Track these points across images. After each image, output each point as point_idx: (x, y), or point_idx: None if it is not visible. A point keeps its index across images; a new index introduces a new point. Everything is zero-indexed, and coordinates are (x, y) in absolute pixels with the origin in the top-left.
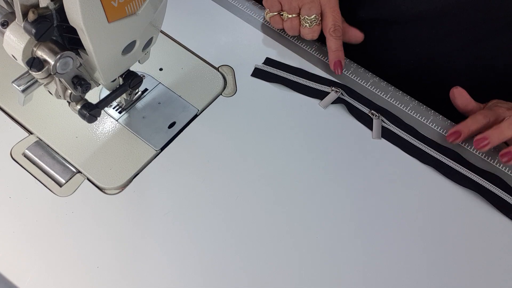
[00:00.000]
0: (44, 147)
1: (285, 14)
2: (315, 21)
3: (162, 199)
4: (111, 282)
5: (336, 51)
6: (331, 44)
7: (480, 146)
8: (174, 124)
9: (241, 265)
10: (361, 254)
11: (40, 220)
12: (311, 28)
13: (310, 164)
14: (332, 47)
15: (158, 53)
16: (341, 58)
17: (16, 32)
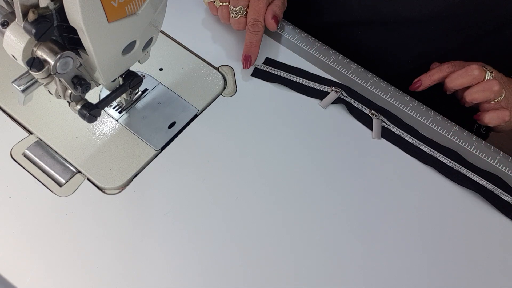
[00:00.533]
0: (44, 147)
1: (217, 2)
2: (241, 13)
3: (162, 199)
4: (111, 282)
5: (248, 45)
6: (246, 38)
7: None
8: (174, 124)
9: (241, 265)
10: (361, 254)
11: (40, 220)
12: (236, 19)
13: (310, 164)
14: (246, 41)
15: (158, 53)
16: (252, 54)
17: (16, 32)
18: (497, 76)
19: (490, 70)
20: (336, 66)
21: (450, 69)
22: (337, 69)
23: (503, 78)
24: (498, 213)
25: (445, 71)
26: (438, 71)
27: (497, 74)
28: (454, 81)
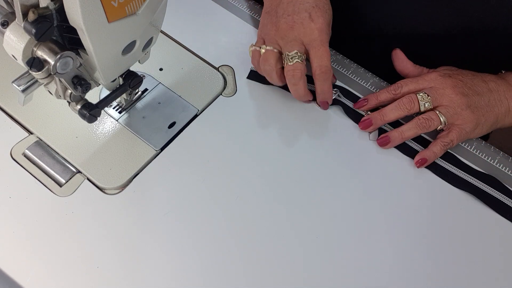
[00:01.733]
0: (44, 147)
1: (263, 47)
2: (297, 57)
3: (162, 199)
4: (111, 282)
5: (321, 94)
6: (316, 86)
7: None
8: (174, 124)
9: (241, 265)
10: (360, 254)
11: (40, 220)
12: (291, 65)
13: (310, 164)
14: (317, 89)
15: (158, 53)
16: (328, 99)
17: (16, 32)
18: (441, 93)
19: (429, 96)
20: (336, 66)
21: (397, 90)
22: (337, 69)
23: (463, 84)
24: (496, 214)
25: (392, 92)
26: (385, 92)
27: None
28: (390, 115)
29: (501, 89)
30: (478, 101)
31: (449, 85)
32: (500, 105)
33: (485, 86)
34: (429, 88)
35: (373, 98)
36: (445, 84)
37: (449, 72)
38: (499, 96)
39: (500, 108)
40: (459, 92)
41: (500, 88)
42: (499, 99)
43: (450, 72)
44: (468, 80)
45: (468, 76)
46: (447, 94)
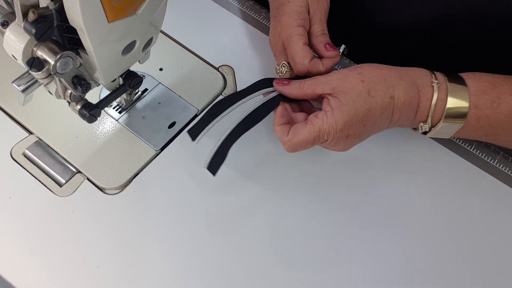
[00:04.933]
0: (44, 147)
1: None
2: (286, 67)
3: (162, 199)
4: (111, 282)
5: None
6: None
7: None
8: (174, 124)
9: (241, 265)
10: (361, 254)
11: (40, 220)
12: (283, 75)
13: (310, 164)
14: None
15: (158, 53)
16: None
17: (16, 32)
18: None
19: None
20: (336, 66)
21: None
22: (337, 69)
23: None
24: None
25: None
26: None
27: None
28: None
29: (403, 117)
30: (360, 131)
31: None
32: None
33: (385, 117)
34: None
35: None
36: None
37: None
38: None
39: (382, 126)
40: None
41: (402, 117)
42: (387, 121)
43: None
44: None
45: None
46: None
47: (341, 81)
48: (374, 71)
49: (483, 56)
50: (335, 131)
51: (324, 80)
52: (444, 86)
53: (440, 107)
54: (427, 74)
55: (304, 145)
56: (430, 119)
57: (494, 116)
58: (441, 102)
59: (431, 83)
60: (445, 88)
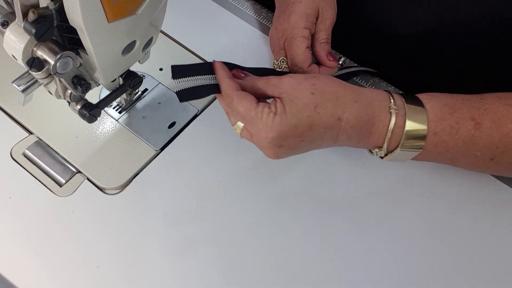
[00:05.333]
0: (44, 147)
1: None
2: (285, 63)
3: (162, 199)
4: (111, 282)
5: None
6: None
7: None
8: (174, 124)
9: (241, 265)
10: (361, 254)
11: (40, 220)
12: (281, 69)
13: (310, 164)
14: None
15: (158, 53)
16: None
17: (16, 32)
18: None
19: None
20: None
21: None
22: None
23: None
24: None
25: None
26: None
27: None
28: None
29: (351, 140)
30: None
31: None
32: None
33: (328, 137)
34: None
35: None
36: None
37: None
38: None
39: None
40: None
41: (350, 140)
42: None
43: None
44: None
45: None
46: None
47: (291, 87)
48: (328, 87)
49: (482, 59)
50: (265, 136)
51: (276, 83)
52: (402, 112)
53: (397, 134)
54: (386, 98)
55: (237, 112)
56: (386, 145)
57: (452, 142)
58: (398, 129)
59: (389, 108)
60: (403, 114)
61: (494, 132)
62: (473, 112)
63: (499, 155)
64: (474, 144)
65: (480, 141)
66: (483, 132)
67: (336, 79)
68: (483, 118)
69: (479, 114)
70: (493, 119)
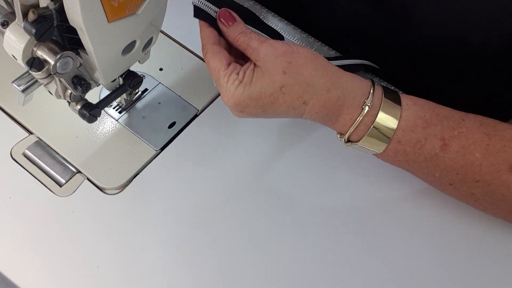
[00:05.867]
0: (44, 147)
1: None
2: None
3: (162, 199)
4: (111, 282)
5: None
6: None
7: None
8: (174, 124)
9: (241, 265)
10: (361, 255)
11: (40, 220)
12: None
13: (310, 164)
14: None
15: (158, 53)
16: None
17: (16, 32)
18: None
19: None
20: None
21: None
22: None
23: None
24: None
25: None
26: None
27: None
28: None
29: (316, 120)
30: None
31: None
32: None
33: (292, 114)
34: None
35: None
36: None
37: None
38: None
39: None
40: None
41: (315, 120)
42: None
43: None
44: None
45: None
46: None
47: (267, 58)
48: (304, 69)
49: (483, 61)
50: (227, 100)
51: (256, 46)
52: (374, 112)
53: (362, 131)
54: (364, 92)
55: (208, 66)
56: (346, 136)
57: (413, 155)
58: (363, 126)
59: (363, 103)
60: (374, 113)
61: (458, 158)
62: (446, 132)
63: (458, 182)
64: (434, 164)
65: (442, 162)
66: (448, 155)
67: (319, 57)
68: (453, 141)
69: (451, 136)
70: (463, 144)
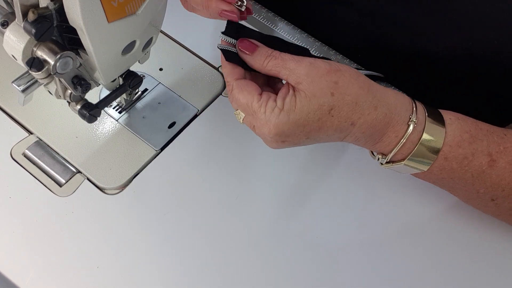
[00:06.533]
0: (44, 147)
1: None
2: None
3: (162, 199)
4: (111, 282)
5: None
6: None
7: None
8: (174, 124)
9: (241, 265)
10: (360, 251)
11: (40, 220)
12: None
13: (310, 164)
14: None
15: (158, 53)
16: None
17: (16, 32)
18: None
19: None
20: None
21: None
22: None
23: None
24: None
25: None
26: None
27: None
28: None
29: (357, 143)
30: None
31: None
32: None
33: (335, 137)
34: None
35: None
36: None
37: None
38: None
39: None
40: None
41: (357, 142)
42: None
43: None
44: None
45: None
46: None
47: (309, 80)
48: (352, 88)
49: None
50: (268, 132)
51: (294, 67)
52: (420, 128)
53: (407, 149)
54: (408, 108)
55: (237, 103)
56: (391, 155)
57: (459, 172)
58: (410, 144)
59: (409, 120)
60: (420, 130)
61: (506, 174)
62: (493, 148)
63: (501, 198)
64: (481, 181)
65: (489, 179)
66: (495, 171)
67: (361, 74)
68: (500, 156)
69: (497, 152)
70: (510, 160)
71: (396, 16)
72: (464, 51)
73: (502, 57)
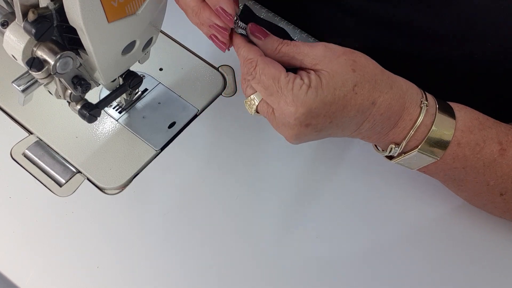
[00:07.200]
0: (44, 147)
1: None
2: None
3: (162, 199)
4: (111, 282)
5: None
6: None
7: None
8: (174, 124)
9: (241, 265)
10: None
11: (40, 220)
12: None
13: (310, 164)
14: None
15: (158, 53)
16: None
17: (16, 32)
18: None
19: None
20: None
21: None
22: None
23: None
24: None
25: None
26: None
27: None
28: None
29: (373, 130)
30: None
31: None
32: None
33: (354, 122)
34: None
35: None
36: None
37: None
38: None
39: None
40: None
41: (373, 129)
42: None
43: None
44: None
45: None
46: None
47: (328, 59)
48: (369, 66)
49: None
50: (295, 111)
51: (308, 51)
52: (432, 111)
53: (422, 133)
54: (418, 92)
55: (258, 81)
56: (405, 142)
57: (472, 160)
58: (424, 127)
59: (421, 103)
60: (432, 113)
61: None
62: (502, 136)
63: (510, 191)
64: (492, 170)
65: (500, 169)
66: (506, 160)
67: (372, 60)
68: (510, 146)
69: (507, 141)
70: None
71: (396, 17)
72: (464, 51)
73: (502, 57)
